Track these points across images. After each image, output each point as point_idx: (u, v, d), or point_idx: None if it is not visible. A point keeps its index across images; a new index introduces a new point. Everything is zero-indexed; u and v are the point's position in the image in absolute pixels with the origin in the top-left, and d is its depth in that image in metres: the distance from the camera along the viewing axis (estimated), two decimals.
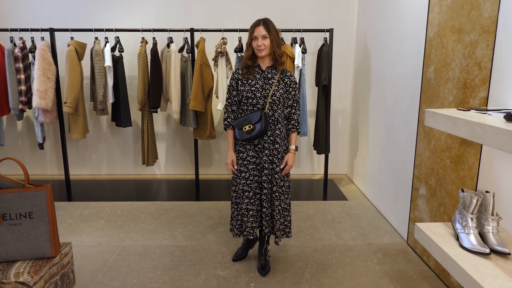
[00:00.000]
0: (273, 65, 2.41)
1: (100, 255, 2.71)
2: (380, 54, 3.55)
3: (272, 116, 2.36)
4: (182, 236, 3.01)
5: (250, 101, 2.37)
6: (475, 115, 1.53)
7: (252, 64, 2.39)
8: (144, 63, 3.73)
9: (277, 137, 2.38)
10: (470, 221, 1.60)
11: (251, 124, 2.29)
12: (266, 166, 2.37)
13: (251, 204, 2.41)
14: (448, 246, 1.63)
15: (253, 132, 2.29)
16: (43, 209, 1.85)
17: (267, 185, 2.39)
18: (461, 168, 2.17)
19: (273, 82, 2.36)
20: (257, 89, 2.36)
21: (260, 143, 2.37)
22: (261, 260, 2.53)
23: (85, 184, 4.32)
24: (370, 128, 3.81)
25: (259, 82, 2.37)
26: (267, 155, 2.37)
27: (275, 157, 2.38)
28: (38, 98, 3.56)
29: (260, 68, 2.41)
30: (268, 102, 2.33)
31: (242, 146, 2.42)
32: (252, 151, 2.39)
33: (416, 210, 2.74)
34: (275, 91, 2.35)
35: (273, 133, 2.36)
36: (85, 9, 4.27)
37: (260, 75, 2.39)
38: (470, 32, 2.10)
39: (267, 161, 2.37)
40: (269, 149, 2.36)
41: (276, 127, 2.37)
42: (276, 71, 2.40)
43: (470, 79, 2.09)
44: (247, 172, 2.40)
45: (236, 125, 2.38)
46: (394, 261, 2.64)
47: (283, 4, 4.29)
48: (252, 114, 2.33)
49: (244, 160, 2.41)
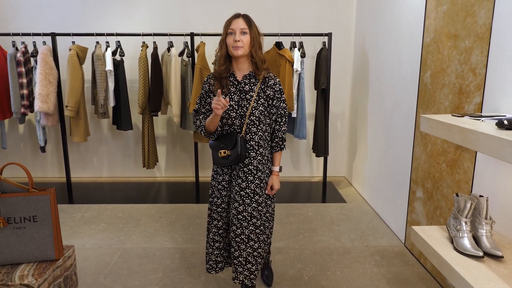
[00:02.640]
0: (252, 73, 1.96)
1: (101, 257, 2.75)
2: (378, 58, 3.59)
3: (251, 140, 1.93)
4: (183, 238, 3.04)
5: (225, 121, 1.94)
6: (468, 122, 1.58)
7: (226, 73, 1.93)
8: (145, 67, 3.77)
9: (259, 164, 1.96)
10: (464, 224, 1.64)
11: (226, 149, 1.91)
12: (239, 199, 1.96)
13: (219, 235, 2.07)
14: (443, 249, 1.66)
15: (229, 158, 1.91)
16: (46, 212, 1.89)
17: (237, 221, 1.97)
18: (457, 172, 2.21)
19: (251, 97, 1.91)
20: (231, 107, 1.92)
21: (235, 169, 1.97)
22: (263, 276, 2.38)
23: (86, 186, 4.36)
24: (369, 131, 3.85)
25: (234, 98, 1.92)
26: (241, 187, 1.95)
27: (258, 187, 1.97)
28: (40, 101, 3.61)
29: (235, 78, 1.95)
30: (246, 123, 1.91)
31: (219, 167, 2.04)
32: (228, 175, 2.02)
33: (413, 213, 2.78)
34: (253, 109, 1.91)
35: (253, 160, 1.94)
36: (87, 13, 4.32)
37: (235, 87, 1.94)
38: (465, 38, 2.14)
39: (241, 193, 1.96)
40: (246, 179, 1.95)
41: (257, 153, 1.94)
42: (256, 81, 1.94)
43: (465, 85, 2.13)
44: (219, 198, 2.04)
45: (212, 146, 1.99)
46: (391, 264, 2.68)
47: (282, 8, 4.34)
48: (227, 137, 1.92)
49: (219, 185, 2.04)
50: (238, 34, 1.86)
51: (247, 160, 1.94)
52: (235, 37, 1.86)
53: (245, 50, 1.88)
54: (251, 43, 1.89)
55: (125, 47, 3.96)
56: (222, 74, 1.94)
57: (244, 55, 1.90)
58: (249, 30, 1.88)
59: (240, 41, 1.85)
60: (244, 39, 1.86)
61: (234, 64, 1.96)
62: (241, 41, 1.86)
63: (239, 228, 1.98)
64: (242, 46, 1.86)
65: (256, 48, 1.90)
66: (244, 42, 1.86)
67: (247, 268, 2.02)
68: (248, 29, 1.88)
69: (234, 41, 1.86)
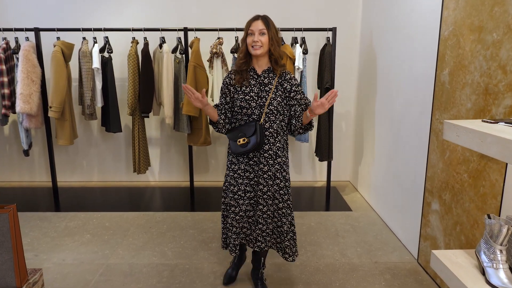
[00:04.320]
0: (271, 68, 2.14)
1: (81, 275, 2.48)
2: (387, 55, 3.30)
3: (270, 127, 2.10)
4: (173, 252, 2.77)
5: (245, 111, 2.11)
6: (507, 130, 1.29)
7: (246, 68, 2.11)
8: (135, 64, 3.50)
9: (278, 150, 2.13)
10: (499, 253, 1.36)
11: (245, 137, 2.05)
12: (263, 182, 2.13)
13: (235, 221, 2.19)
14: (472, 282, 1.38)
15: (248, 145, 2.05)
16: (5, 234, 1.62)
17: (263, 201, 2.14)
18: (482, 184, 1.92)
19: (270, 89, 2.10)
20: (251, 97, 2.10)
21: (256, 156, 2.13)
22: (257, 285, 2.30)
23: (74, 191, 4.10)
24: (376, 133, 3.56)
25: (254, 89, 2.11)
26: (264, 171, 2.12)
27: (279, 171, 2.14)
28: (21, 102, 3.34)
29: (255, 72, 2.13)
30: (265, 112, 2.08)
31: (235, 157, 2.18)
32: (244, 164, 2.15)
33: (428, 226, 2.50)
34: (272, 100, 2.08)
35: (273, 146, 2.11)
36: (73, 7, 4.04)
37: (255, 80, 2.12)
38: (492, 30, 1.85)
39: (264, 176, 2.12)
40: (268, 164, 2.12)
41: (276, 139, 2.12)
42: (274, 75, 2.12)
43: (492, 84, 1.85)
44: (235, 186, 2.17)
45: (230, 137, 2.14)
46: (404, 284, 2.40)
47: (282, 1, 4.05)
48: (247, 126, 2.08)
49: (235, 173, 2.17)
50: (257, 35, 2.03)
51: (267, 146, 2.10)
52: (254, 37, 2.03)
53: (263, 49, 2.05)
54: (269, 42, 2.05)
55: (114, 43, 3.69)
56: (243, 68, 2.11)
57: (263, 54, 2.07)
58: (267, 31, 2.03)
59: (259, 41, 2.03)
60: (262, 39, 2.03)
61: (254, 60, 2.13)
62: (260, 41, 2.03)
63: (265, 207, 2.14)
64: (261, 46, 2.04)
65: (274, 46, 2.06)
66: (262, 42, 2.03)
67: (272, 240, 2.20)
68: (267, 30, 2.03)
69: (253, 41, 2.03)
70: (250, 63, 2.13)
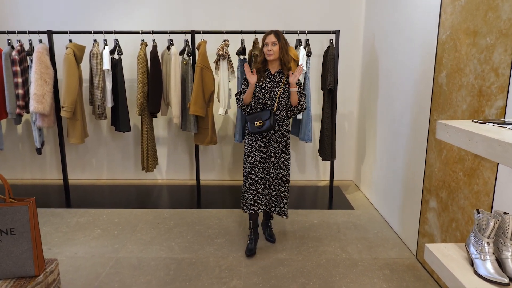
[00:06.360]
0: (281, 70, 2.74)
1: (93, 267, 2.60)
2: (389, 57, 3.38)
3: (280, 114, 2.73)
4: (180, 247, 2.89)
5: (260, 101, 2.73)
6: (493, 129, 1.38)
7: (263, 68, 2.73)
8: (144, 66, 3.62)
9: (285, 132, 2.78)
10: (487, 245, 1.44)
11: (262, 120, 2.66)
12: (273, 155, 2.75)
13: (253, 185, 2.76)
14: (461, 273, 1.47)
15: (263, 127, 2.66)
16: (25, 225, 1.74)
17: (273, 170, 2.78)
18: (475, 182, 2.01)
19: (280, 85, 2.71)
20: (266, 91, 2.72)
21: (268, 135, 2.74)
22: (267, 230, 3.03)
23: (84, 189, 4.23)
24: (378, 133, 3.65)
25: (268, 85, 2.72)
26: (274, 147, 2.75)
27: (285, 147, 2.77)
28: (35, 102, 3.48)
29: (269, 72, 2.75)
30: (276, 103, 2.70)
31: (252, 135, 2.77)
32: (259, 140, 2.76)
33: (426, 224, 2.58)
34: (281, 93, 2.71)
35: (281, 128, 2.75)
36: (84, 11, 4.18)
37: (269, 78, 2.73)
38: (486, 35, 1.94)
39: (274, 151, 2.75)
40: (277, 141, 2.74)
41: (283, 123, 2.77)
42: (283, 75, 2.73)
43: (486, 86, 1.93)
44: (252, 157, 2.76)
45: (249, 119, 2.72)
46: (402, 279, 2.48)
47: (287, 4, 4.15)
48: (263, 112, 2.69)
49: (253, 148, 2.77)
50: (270, 45, 2.65)
51: (276, 128, 2.73)
52: (268, 47, 2.65)
53: (275, 56, 2.67)
54: (280, 50, 2.66)
55: (124, 45, 3.81)
56: (260, 69, 2.72)
57: (275, 59, 2.69)
58: (278, 42, 2.65)
59: (271, 50, 2.64)
60: (274, 49, 2.65)
61: (269, 64, 2.75)
62: (272, 50, 2.64)
63: (274, 175, 2.80)
64: (273, 53, 2.65)
65: (283, 53, 2.68)
66: (274, 50, 2.65)
67: (277, 204, 2.84)
68: (278, 41, 2.65)
69: (267, 50, 2.65)
70: (266, 65, 2.75)
